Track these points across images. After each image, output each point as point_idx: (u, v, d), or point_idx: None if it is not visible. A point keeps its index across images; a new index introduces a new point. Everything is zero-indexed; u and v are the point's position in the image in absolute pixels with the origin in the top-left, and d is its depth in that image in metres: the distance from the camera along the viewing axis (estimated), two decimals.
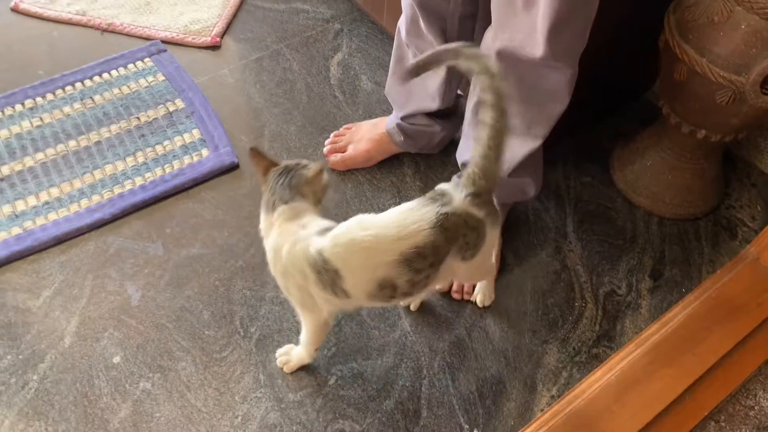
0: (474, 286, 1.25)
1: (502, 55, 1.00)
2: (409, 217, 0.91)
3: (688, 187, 1.36)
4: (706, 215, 1.39)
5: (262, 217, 0.99)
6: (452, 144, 1.42)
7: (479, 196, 0.93)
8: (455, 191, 0.94)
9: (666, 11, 1.18)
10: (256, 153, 1.00)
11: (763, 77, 1.04)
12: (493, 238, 0.98)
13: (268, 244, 0.98)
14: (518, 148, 1.10)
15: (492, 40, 1.01)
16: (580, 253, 1.32)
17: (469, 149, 1.18)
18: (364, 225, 0.92)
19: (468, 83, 1.26)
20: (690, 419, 1.09)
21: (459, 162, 1.23)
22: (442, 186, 0.97)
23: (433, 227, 0.90)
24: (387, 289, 0.92)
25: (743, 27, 1.05)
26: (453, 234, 0.92)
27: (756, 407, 1.12)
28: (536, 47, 0.96)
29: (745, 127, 1.19)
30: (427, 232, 0.90)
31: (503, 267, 1.30)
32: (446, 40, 1.16)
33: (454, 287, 1.25)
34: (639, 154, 1.39)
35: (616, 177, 1.43)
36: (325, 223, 0.96)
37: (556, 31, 0.93)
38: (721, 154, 1.36)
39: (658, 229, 1.37)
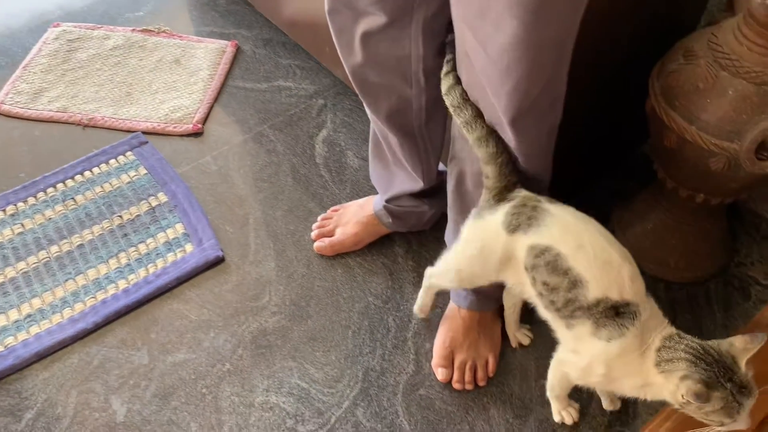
0: (475, 375, 1.19)
1: None
2: None
3: (694, 250, 1.29)
4: (715, 276, 1.32)
5: None
6: (443, 219, 1.37)
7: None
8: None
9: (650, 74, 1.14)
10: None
11: (756, 144, 0.98)
12: None
13: None
14: None
15: None
16: None
17: (456, 232, 1.13)
18: None
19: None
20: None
21: (448, 245, 1.18)
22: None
23: None
24: None
25: (731, 92, 1.00)
26: None
27: None
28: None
29: (745, 189, 1.13)
30: None
31: (504, 347, 1.23)
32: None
33: (455, 377, 1.19)
34: (639, 217, 1.33)
35: (618, 240, 1.36)
36: None
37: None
38: (724, 214, 1.29)
39: (665, 295, 1.30)
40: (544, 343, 1.23)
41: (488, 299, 1.19)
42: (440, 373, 1.19)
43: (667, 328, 0.90)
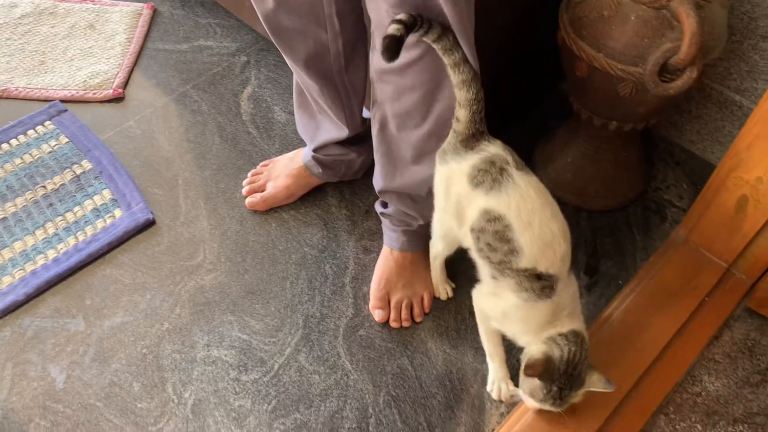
0: (412, 312, 1.22)
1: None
2: None
3: (612, 178, 1.35)
4: (634, 202, 1.39)
5: None
6: (374, 166, 1.39)
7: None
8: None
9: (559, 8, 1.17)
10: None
11: (659, 66, 1.02)
12: None
13: None
14: (430, 166, 1.06)
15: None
16: None
17: (383, 175, 1.15)
18: None
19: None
20: (639, 417, 1.08)
21: (376, 189, 1.20)
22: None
23: None
24: None
25: (633, 18, 1.04)
26: None
27: (703, 393, 1.12)
28: None
29: (654, 113, 1.18)
30: None
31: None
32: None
33: (392, 316, 1.22)
34: (559, 151, 1.38)
35: (540, 176, 1.40)
36: None
37: None
38: (638, 141, 1.35)
39: (588, 223, 1.36)
40: (477, 278, 1.28)
41: (419, 239, 1.22)
42: (377, 315, 1.22)
43: (580, 324, 0.99)
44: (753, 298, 1.19)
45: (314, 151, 1.31)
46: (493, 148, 0.97)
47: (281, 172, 1.37)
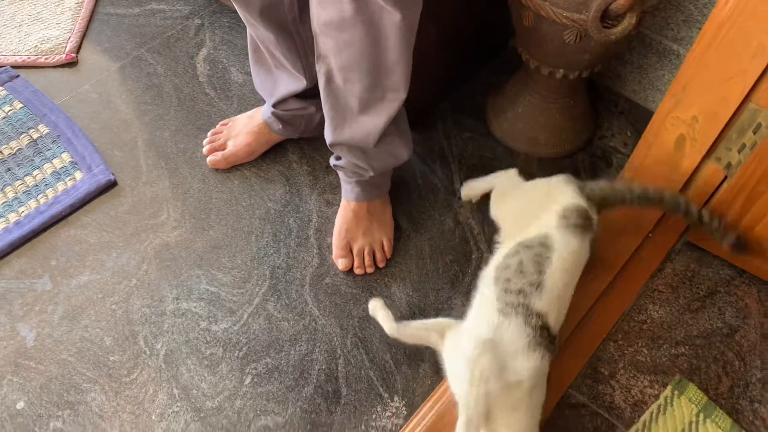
0: (374, 259, 1.27)
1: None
2: None
3: (560, 126, 1.41)
4: (582, 149, 1.46)
5: None
6: None
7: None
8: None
9: None
10: None
11: (601, 12, 1.08)
12: None
13: None
14: (381, 116, 1.11)
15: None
16: (470, 207, 1.36)
17: (332, 128, 1.15)
18: None
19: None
20: (590, 345, 1.15)
21: (327, 142, 1.20)
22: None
23: None
24: None
25: None
26: None
27: (648, 320, 1.20)
28: None
29: (598, 60, 1.25)
30: None
31: (400, 235, 1.32)
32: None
33: (356, 263, 1.26)
34: (510, 102, 1.44)
35: (493, 128, 1.47)
36: None
37: None
38: (584, 89, 1.42)
39: (539, 170, 1.42)
40: (435, 225, 1.33)
41: (374, 188, 1.26)
42: (341, 263, 1.26)
43: None
44: (692, 233, 1.27)
45: (273, 106, 1.33)
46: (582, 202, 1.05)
47: (241, 130, 1.39)
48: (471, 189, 1.30)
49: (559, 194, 1.06)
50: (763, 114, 1.06)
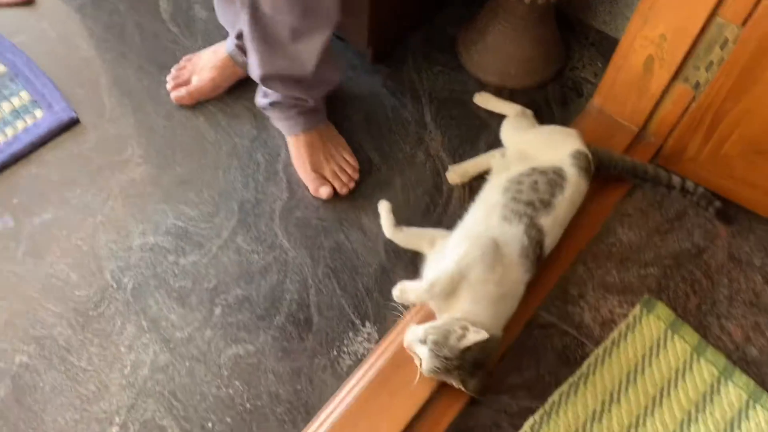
0: (352, 178, 1.27)
1: None
2: None
3: (530, 57, 1.40)
4: (552, 81, 1.45)
5: None
6: None
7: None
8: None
9: None
10: None
11: None
12: None
13: None
14: (315, 42, 1.08)
15: None
16: (441, 140, 1.35)
17: (262, 62, 1.11)
18: None
19: None
20: (558, 268, 1.16)
21: (257, 78, 1.15)
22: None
23: None
24: None
25: None
26: None
27: (617, 243, 1.21)
28: None
29: None
30: None
31: (371, 167, 1.31)
32: None
33: (337, 186, 1.25)
34: (480, 34, 1.42)
35: (464, 61, 1.45)
36: None
37: None
38: (553, 18, 1.40)
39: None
40: (406, 158, 1.32)
41: (316, 113, 1.25)
42: (324, 192, 1.24)
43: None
44: (661, 156, 1.27)
45: (237, 38, 1.30)
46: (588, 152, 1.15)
47: (205, 64, 1.36)
48: (460, 174, 1.28)
49: (571, 139, 1.16)
50: (730, 28, 1.05)
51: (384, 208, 1.20)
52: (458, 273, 0.96)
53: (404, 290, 1.02)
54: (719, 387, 1.05)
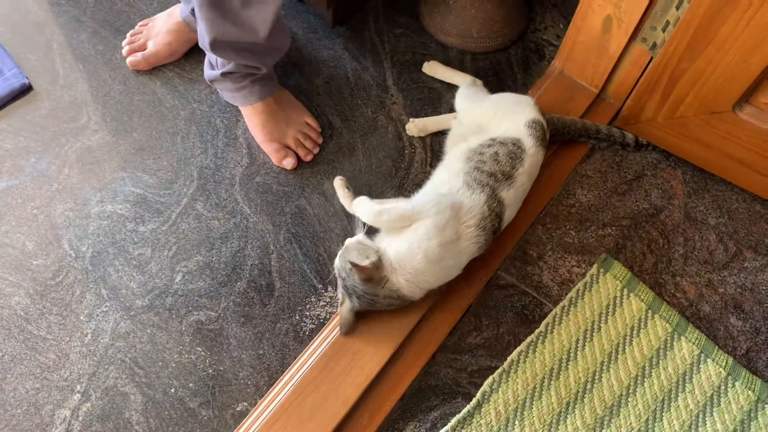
0: (316, 143, 1.27)
1: None
2: None
3: (492, 18, 1.39)
4: (514, 43, 1.44)
5: None
6: None
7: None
8: None
9: None
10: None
11: None
12: None
13: None
14: (268, 8, 1.04)
15: None
16: (403, 103, 1.34)
17: (211, 29, 1.06)
18: None
19: None
20: (519, 227, 1.17)
21: (206, 45, 1.10)
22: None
23: None
24: None
25: None
26: None
27: (576, 204, 1.22)
28: None
29: None
30: None
31: (332, 132, 1.30)
32: None
33: (301, 154, 1.25)
34: None
35: (425, 23, 1.44)
36: None
37: None
38: None
39: (472, 64, 1.41)
40: (368, 122, 1.31)
41: (270, 80, 1.22)
42: (288, 163, 1.23)
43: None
44: (620, 118, 1.28)
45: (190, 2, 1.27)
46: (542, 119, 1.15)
47: (161, 29, 1.33)
48: (420, 128, 1.29)
49: (525, 107, 1.14)
50: None
51: (338, 184, 1.20)
52: (410, 214, 0.97)
53: (358, 203, 1.02)
54: (672, 342, 1.08)
